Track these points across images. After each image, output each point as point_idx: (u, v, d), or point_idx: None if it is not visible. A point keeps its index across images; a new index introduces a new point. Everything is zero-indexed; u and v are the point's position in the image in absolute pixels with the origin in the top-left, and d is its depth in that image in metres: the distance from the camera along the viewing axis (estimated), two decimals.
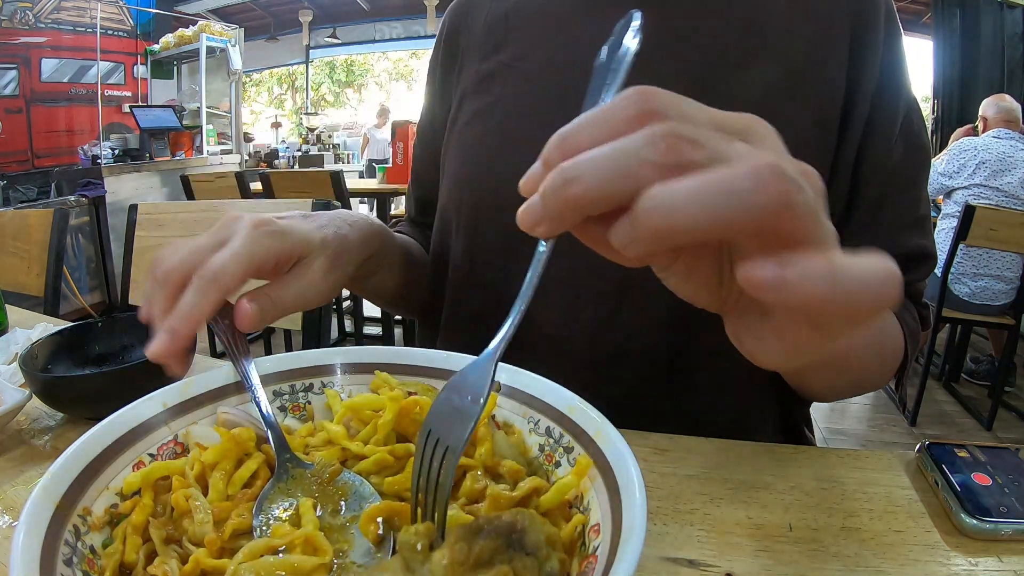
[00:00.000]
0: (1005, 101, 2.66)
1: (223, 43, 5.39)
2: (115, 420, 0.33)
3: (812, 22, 0.52)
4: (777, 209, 0.19)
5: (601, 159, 0.21)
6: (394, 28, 7.90)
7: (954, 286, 2.39)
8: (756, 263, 0.20)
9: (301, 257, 0.42)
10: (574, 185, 0.21)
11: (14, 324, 0.74)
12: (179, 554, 0.29)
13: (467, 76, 0.62)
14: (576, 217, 0.23)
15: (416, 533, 0.27)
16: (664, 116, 0.21)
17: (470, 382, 0.30)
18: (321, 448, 0.36)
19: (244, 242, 0.37)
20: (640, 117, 0.21)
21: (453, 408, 0.30)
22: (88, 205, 3.69)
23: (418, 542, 0.27)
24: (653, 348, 0.52)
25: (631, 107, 0.22)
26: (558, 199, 0.22)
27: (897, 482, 0.42)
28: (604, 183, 0.21)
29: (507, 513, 0.28)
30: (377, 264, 0.55)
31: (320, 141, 6.92)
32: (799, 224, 0.20)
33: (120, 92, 5.27)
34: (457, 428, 0.29)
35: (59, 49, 4.78)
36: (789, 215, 0.20)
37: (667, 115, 0.22)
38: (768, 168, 0.19)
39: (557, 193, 0.22)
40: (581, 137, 0.23)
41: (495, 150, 0.57)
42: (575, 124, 0.23)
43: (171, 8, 5.88)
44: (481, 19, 0.63)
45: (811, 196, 0.20)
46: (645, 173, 0.20)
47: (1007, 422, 2.44)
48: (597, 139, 0.22)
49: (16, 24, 4.52)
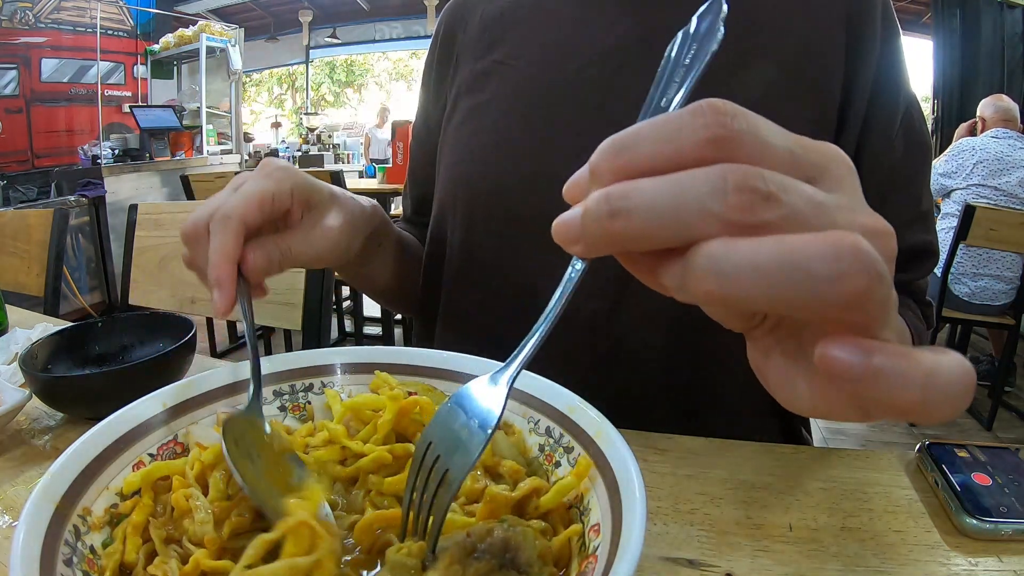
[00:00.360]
0: (1003, 101, 2.66)
1: (223, 43, 5.39)
2: (115, 420, 0.33)
3: (808, 21, 0.52)
4: (852, 304, 0.17)
5: (658, 198, 0.18)
6: (394, 28, 7.90)
7: (954, 286, 2.39)
8: (838, 343, 0.18)
9: (311, 203, 0.43)
10: (621, 219, 0.19)
11: (14, 324, 0.74)
12: (179, 554, 0.29)
13: (462, 75, 0.62)
14: (617, 249, 0.20)
15: (408, 553, 0.27)
16: (739, 145, 0.19)
17: (481, 403, 0.28)
18: (321, 448, 0.36)
19: (252, 181, 0.39)
20: (711, 143, 0.19)
21: (460, 426, 0.28)
22: (88, 205, 3.69)
23: (409, 562, 0.27)
24: (652, 346, 0.52)
25: (701, 129, 0.19)
26: (601, 228, 0.19)
27: (897, 482, 0.42)
28: (656, 227, 0.18)
29: (499, 529, 0.27)
30: (378, 243, 0.55)
31: (320, 141, 6.92)
32: (871, 319, 0.18)
33: (120, 92, 5.27)
34: (460, 453, 0.27)
35: (59, 49, 4.77)
36: (863, 310, 0.17)
37: (743, 143, 0.19)
38: (852, 252, 0.16)
39: (600, 222, 0.19)
40: (639, 153, 0.20)
41: (490, 147, 0.57)
42: (633, 134, 0.20)
43: (171, 8, 5.88)
44: (477, 18, 0.63)
45: (888, 285, 0.18)
46: (708, 227, 0.18)
47: (1007, 422, 2.44)
48: (657, 161, 0.19)
49: (16, 24, 4.51)
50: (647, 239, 0.19)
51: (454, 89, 0.63)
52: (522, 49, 0.59)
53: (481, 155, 0.58)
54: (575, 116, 0.54)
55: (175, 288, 1.10)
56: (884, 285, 0.17)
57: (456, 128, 0.61)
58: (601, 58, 0.54)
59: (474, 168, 0.58)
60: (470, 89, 0.61)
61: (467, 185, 0.58)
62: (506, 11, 0.61)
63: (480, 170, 0.57)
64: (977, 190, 2.43)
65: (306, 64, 8.50)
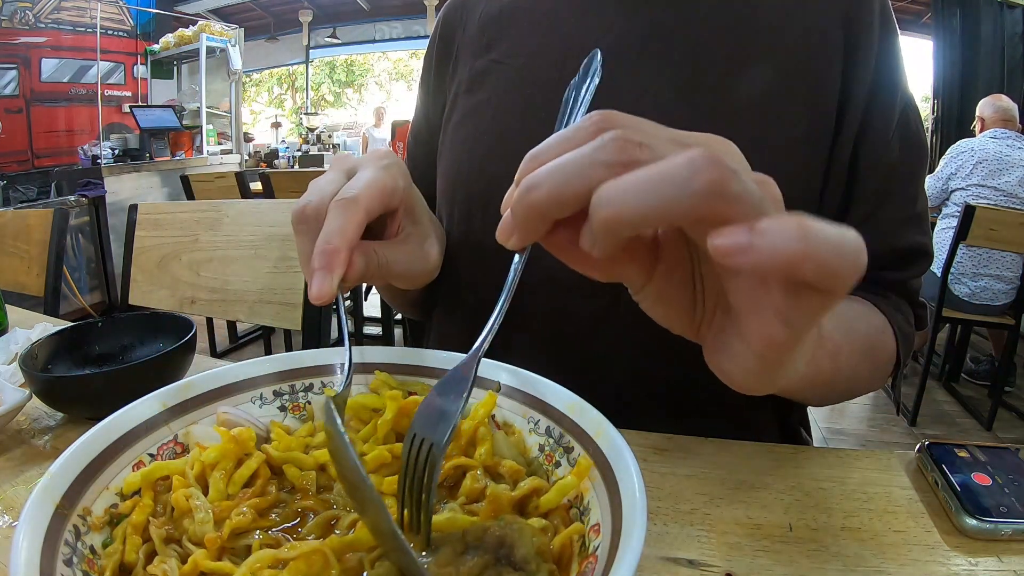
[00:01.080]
0: (1002, 101, 2.65)
1: (223, 43, 5.39)
2: (115, 420, 0.33)
3: (805, 22, 0.52)
4: (712, 193, 0.20)
5: (557, 165, 0.23)
6: (394, 28, 7.90)
7: (954, 286, 2.39)
8: (725, 230, 0.20)
9: (415, 215, 0.43)
10: (535, 191, 0.24)
11: (14, 324, 0.74)
12: (179, 554, 0.29)
13: (461, 74, 0.62)
14: (542, 224, 0.25)
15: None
16: (620, 123, 0.24)
17: (453, 382, 0.31)
18: (321, 448, 0.36)
19: (370, 169, 0.37)
20: (598, 133, 0.23)
21: (436, 409, 0.30)
22: (88, 205, 3.69)
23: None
24: (648, 348, 0.52)
25: (591, 126, 0.24)
26: (523, 207, 0.24)
27: (897, 482, 0.42)
28: (561, 185, 0.23)
29: (496, 526, 0.27)
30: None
31: (320, 141, 6.91)
32: (738, 209, 0.21)
33: (120, 92, 5.27)
34: (441, 426, 0.29)
35: (59, 49, 4.77)
36: (725, 199, 0.20)
37: (623, 123, 0.24)
38: (703, 157, 0.20)
39: (521, 201, 0.24)
40: (547, 155, 0.25)
41: (487, 147, 0.57)
42: (542, 145, 0.25)
43: (171, 8, 5.88)
44: (476, 17, 0.63)
45: (750, 186, 0.21)
46: (597, 173, 0.22)
47: (1007, 422, 2.44)
48: (560, 155, 0.24)
49: (16, 24, 4.51)
50: (559, 200, 0.23)
51: (453, 88, 0.63)
52: (519, 48, 0.59)
53: (479, 154, 0.58)
54: None
55: (175, 288, 1.10)
56: (738, 179, 0.20)
57: (455, 128, 0.61)
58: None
59: (472, 167, 0.58)
60: (469, 88, 0.61)
61: (465, 185, 0.58)
62: (504, 10, 0.61)
63: (477, 169, 0.57)
64: (977, 190, 2.43)
65: (306, 64, 8.49)
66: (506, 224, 0.26)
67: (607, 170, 0.22)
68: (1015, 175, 2.40)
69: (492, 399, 0.37)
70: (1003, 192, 2.40)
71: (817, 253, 0.20)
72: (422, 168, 0.70)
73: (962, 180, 2.47)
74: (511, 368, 0.39)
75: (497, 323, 0.31)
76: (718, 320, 0.27)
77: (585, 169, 0.23)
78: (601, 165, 0.22)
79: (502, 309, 0.32)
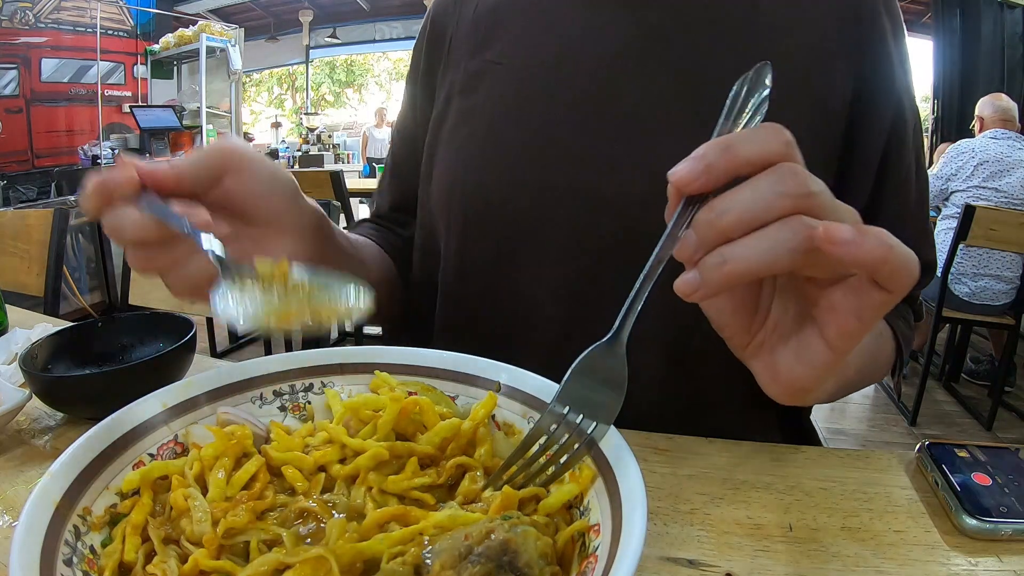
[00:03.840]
0: (1001, 100, 2.64)
1: (223, 43, 5.39)
2: (115, 420, 0.33)
3: (807, 22, 0.51)
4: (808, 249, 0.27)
5: (755, 246, 0.28)
6: (394, 28, 7.91)
7: (954, 286, 2.39)
8: (837, 225, 0.26)
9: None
10: (732, 264, 0.27)
11: (14, 324, 0.74)
12: (178, 554, 0.29)
13: (454, 73, 0.60)
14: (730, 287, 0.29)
15: (402, 563, 0.27)
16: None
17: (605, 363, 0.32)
18: (321, 448, 0.36)
19: None
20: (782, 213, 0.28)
21: (597, 388, 0.32)
22: None
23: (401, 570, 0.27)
24: (653, 348, 0.52)
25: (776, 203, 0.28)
26: (720, 276, 0.28)
27: (897, 482, 0.42)
28: (758, 267, 0.27)
29: (500, 530, 0.27)
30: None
31: (320, 141, 6.92)
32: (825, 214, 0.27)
33: (120, 92, 5.27)
34: (603, 411, 0.32)
35: (59, 49, 4.77)
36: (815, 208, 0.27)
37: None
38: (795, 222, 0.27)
39: (717, 270, 0.28)
40: (736, 219, 0.28)
41: (483, 158, 0.55)
42: (730, 199, 0.28)
43: (171, 8, 5.88)
44: (469, 12, 0.61)
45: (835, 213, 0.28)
46: (785, 258, 0.27)
47: (1007, 422, 2.44)
48: (748, 218, 0.28)
49: (16, 24, 4.51)
50: (751, 276, 0.28)
51: (446, 87, 0.61)
52: (517, 48, 0.57)
53: (474, 166, 0.55)
54: (573, 124, 0.52)
55: None
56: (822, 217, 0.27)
57: (450, 132, 0.59)
58: (600, 63, 0.53)
59: (468, 176, 0.56)
60: (463, 89, 0.58)
61: (462, 195, 0.56)
62: (501, 6, 0.59)
63: (475, 178, 0.55)
64: (978, 191, 2.42)
65: (306, 64, 8.50)
66: (691, 282, 0.28)
67: (795, 256, 0.27)
68: (1016, 176, 2.39)
69: (492, 399, 0.37)
70: (1005, 194, 2.39)
71: (896, 258, 0.26)
72: (403, 167, 0.67)
73: (962, 182, 2.47)
74: (511, 368, 0.39)
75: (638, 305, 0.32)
76: (786, 327, 0.32)
77: (783, 253, 0.27)
78: (789, 252, 0.27)
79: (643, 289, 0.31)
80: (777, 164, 0.28)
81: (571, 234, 0.51)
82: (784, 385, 0.33)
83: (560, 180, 0.52)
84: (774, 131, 0.29)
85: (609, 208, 0.50)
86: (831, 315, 0.29)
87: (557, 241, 0.52)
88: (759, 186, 0.28)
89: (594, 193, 0.51)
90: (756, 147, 0.28)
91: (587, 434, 0.32)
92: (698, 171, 0.28)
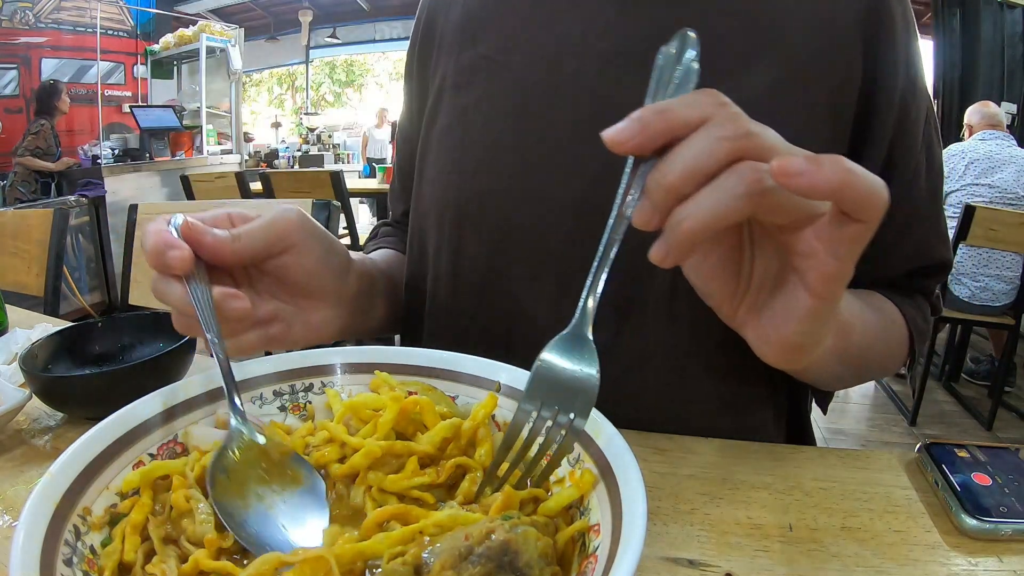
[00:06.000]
0: (989, 107, 2.71)
1: (223, 43, 5.39)
2: (115, 420, 0.33)
3: (812, 17, 0.50)
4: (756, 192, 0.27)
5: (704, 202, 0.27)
6: (394, 28, 7.89)
7: (954, 286, 2.39)
8: (788, 158, 0.26)
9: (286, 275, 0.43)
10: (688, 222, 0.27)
11: (14, 324, 0.74)
12: (178, 553, 0.29)
13: (444, 67, 0.58)
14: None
15: (403, 563, 0.27)
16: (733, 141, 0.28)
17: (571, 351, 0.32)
18: (321, 447, 0.36)
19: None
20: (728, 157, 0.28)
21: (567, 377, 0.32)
22: (88, 205, 3.69)
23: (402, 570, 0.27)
24: (650, 342, 0.52)
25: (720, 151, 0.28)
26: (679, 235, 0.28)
27: (897, 482, 0.42)
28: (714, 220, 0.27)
29: (501, 530, 0.27)
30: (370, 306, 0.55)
31: (320, 141, 6.92)
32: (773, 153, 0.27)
33: (120, 92, 5.27)
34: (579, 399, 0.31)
35: (59, 49, 4.77)
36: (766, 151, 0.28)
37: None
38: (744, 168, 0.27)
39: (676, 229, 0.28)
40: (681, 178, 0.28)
41: (477, 161, 0.54)
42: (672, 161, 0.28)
43: (171, 8, 5.88)
44: (460, 1, 0.59)
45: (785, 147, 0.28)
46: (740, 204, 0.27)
47: (1007, 422, 2.44)
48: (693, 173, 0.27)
49: (16, 24, 4.51)
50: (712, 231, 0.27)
51: (437, 80, 0.58)
52: (510, 43, 0.54)
53: (468, 168, 0.54)
54: (569, 126, 0.51)
55: None
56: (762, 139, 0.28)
57: (442, 131, 0.57)
58: (597, 64, 0.51)
59: (463, 177, 0.54)
60: (455, 85, 0.56)
61: (455, 200, 0.55)
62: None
63: (470, 179, 0.54)
64: (972, 189, 2.44)
65: (306, 64, 8.49)
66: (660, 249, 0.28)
67: (747, 200, 0.27)
68: (1009, 171, 2.41)
69: (492, 400, 0.37)
70: (998, 189, 2.41)
71: (858, 181, 0.25)
72: (408, 169, 0.65)
73: (955, 182, 2.49)
74: (511, 368, 0.39)
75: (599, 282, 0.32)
76: (769, 285, 0.33)
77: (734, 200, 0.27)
78: (742, 197, 0.27)
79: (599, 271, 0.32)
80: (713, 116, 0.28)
81: (566, 243, 0.50)
82: (776, 345, 0.33)
83: (556, 187, 0.51)
84: (709, 94, 0.29)
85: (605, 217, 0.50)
86: (809, 260, 0.29)
87: (552, 251, 0.51)
88: (697, 136, 0.27)
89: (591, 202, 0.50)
90: (692, 108, 0.28)
91: (569, 419, 0.32)
92: (634, 130, 0.28)
